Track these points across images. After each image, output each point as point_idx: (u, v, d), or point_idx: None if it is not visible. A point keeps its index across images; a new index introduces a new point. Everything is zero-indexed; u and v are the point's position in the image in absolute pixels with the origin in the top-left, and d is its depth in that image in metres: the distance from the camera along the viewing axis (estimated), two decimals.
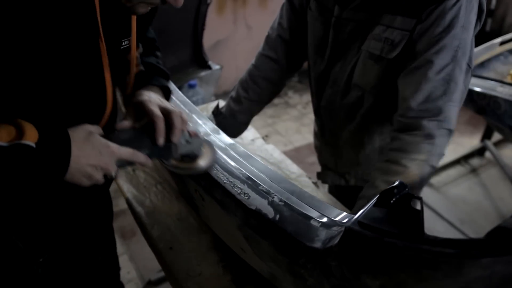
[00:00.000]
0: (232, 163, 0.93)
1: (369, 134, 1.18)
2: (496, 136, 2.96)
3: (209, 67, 2.64)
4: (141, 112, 0.83)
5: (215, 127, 1.08)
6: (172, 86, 1.24)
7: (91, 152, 0.70)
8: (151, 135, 0.79)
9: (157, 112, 0.80)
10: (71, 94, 0.73)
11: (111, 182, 1.02)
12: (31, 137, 0.63)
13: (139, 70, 0.93)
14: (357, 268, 0.65)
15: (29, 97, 0.68)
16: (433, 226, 2.32)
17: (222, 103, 1.46)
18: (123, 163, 0.76)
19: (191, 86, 2.65)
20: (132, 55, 0.83)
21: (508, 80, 2.04)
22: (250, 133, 1.57)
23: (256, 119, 1.49)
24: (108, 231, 1.12)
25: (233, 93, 1.40)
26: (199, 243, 1.08)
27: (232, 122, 1.39)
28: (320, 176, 1.43)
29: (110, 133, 0.76)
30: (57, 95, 0.71)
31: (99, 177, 0.72)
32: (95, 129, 0.74)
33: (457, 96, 0.96)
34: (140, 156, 0.77)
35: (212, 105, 1.55)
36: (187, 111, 1.13)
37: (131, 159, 0.76)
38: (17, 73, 0.64)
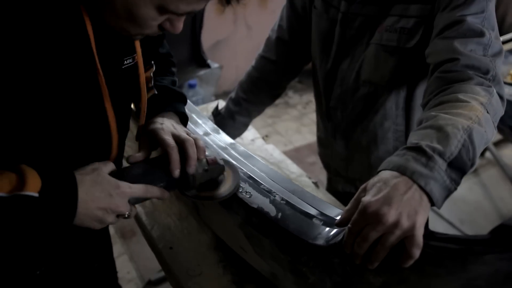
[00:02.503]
0: (233, 163, 0.92)
1: (382, 133, 1.13)
2: (496, 136, 2.96)
3: (208, 66, 2.63)
4: (154, 141, 0.79)
5: (215, 126, 1.07)
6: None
7: (100, 195, 0.66)
8: (166, 166, 0.74)
9: (170, 141, 0.75)
10: (73, 130, 0.70)
11: None
12: (33, 186, 0.60)
13: (152, 94, 0.88)
14: (360, 265, 0.64)
15: (30, 137, 0.65)
16: (433, 226, 2.30)
17: (222, 104, 1.46)
18: (138, 200, 0.72)
19: (191, 86, 2.65)
20: (141, 80, 0.79)
21: (508, 80, 2.04)
22: (250, 133, 1.57)
23: (256, 119, 1.49)
24: (104, 236, 1.11)
25: (232, 94, 1.39)
26: (199, 243, 1.08)
27: (230, 123, 1.39)
28: (330, 182, 1.39)
29: (122, 169, 0.73)
30: (58, 133, 0.68)
31: (111, 219, 0.69)
32: (106, 167, 0.70)
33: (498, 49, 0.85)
34: (154, 191, 0.73)
35: (212, 105, 1.54)
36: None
37: (145, 195, 0.72)
38: (14, 115, 0.62)
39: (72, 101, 0.67)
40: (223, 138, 1.03)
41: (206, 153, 0.80)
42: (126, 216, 0.71)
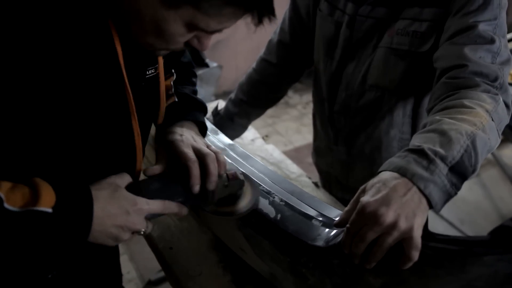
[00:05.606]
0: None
1: (387, 141, 1.10)
2: None
3: (206, 65, 2.62)
4: (173, 153, 0.76)
5: (214, 127, 1.07)
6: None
7: (117, 211, 0.63)
8: (185, 181, 0.72)
9: (191, 155, 0.73)
10: (98, 145, 0.68)
11: None
12: (47, 201, 0.57)
13: (173, 101, 0.86)
14: (359, 266, 0.64)
15: (53, 150, 0.64)
16: (433, 226, 2.31)
17: (222, 104, 1.46)
18: (154, 215, 0.70)
19: None
20: (161, 89, 0.77)
21: (508, 80, 2.04)
22: (250, 133, 1.57)
23: (256, 119, 1.48)
24: None
25: (232, 95, 1.39)
26: (199, 243, 1.07)
27: (229, 124, 1.38)
28: (327, 187, 1.36)
29: (138, 182, 0.71)
30: (83, 147, 0.66)
31: (126, 237, 0.66)
32: (122, 180, 0.68)
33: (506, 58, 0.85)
34: (172, 207, 0.71)
35: (212, 105, 1.54)
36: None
37: (163, 212, 0.70)
38: (40, 127, 0.61)
39: (99, 116, 0.66)
40: (222, 139, 1.03)
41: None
42: (142, 233, 0.68)
